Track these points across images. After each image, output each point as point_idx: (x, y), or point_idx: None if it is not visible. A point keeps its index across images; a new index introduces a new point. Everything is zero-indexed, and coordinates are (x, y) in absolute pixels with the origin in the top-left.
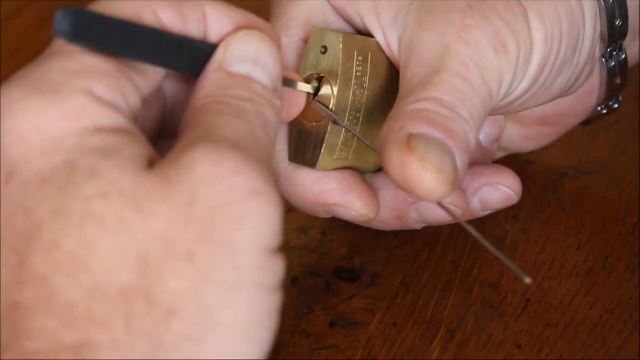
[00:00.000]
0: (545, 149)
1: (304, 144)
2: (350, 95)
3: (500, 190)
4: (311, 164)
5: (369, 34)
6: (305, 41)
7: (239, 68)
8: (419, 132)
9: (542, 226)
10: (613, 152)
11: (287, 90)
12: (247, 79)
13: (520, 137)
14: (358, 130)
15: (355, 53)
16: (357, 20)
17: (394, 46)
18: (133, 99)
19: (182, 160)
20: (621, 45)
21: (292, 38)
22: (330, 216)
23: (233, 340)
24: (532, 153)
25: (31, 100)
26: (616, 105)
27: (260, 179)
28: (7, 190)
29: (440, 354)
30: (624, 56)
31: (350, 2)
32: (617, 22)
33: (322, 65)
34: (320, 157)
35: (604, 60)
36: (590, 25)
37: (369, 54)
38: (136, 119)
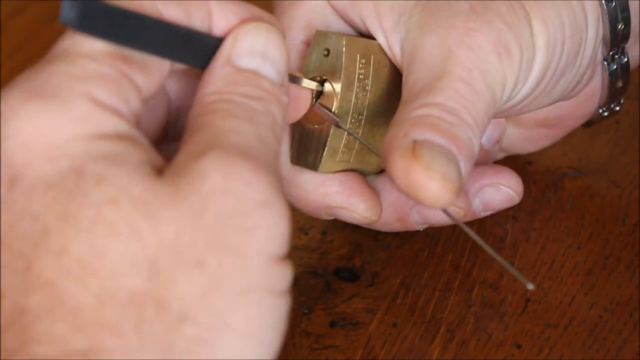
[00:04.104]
0: (545, 149)
1: (306, 147)
2: (353, 98)
3: (501, 191)
4: (313, 166)
5: (370, 37)
6: (307, 43)
7: (247, 63)
8: (423, 139)
9: (542, 226)
10: (613, 152)
11: (291, 92)
12: (255, 74)
13: (520, 138)
14: (360, 133)
15: (358, 56)
16: (358, 23)
17: (396, 49)
18: (135, 102)
19: (192, 171)
20: (623, 49)
21: (293, 40)
22: (332, 218)
23: (244, 344)
24: (532, 153)
25: (33, 105)
26: (617, 108)
27: (270, 190)
28: (10, 195)
29: (440, 354)
30: (625, 59)
31: (351, 5)
32: (620, 26)
33: (324, 67)
34: (323, 159)
35: (605, 63)
36: (593, 29)
37: (372, 56)
38: (139, 122)
